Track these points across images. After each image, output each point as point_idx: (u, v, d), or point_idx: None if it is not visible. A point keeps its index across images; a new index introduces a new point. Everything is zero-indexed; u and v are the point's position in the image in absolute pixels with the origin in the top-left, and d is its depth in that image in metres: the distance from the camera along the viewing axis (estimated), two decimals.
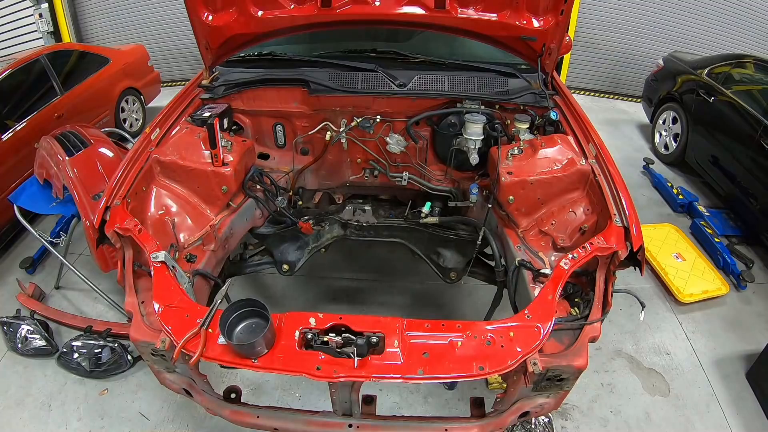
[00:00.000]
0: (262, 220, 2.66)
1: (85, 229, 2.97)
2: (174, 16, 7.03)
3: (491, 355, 1.52)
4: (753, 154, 3.88)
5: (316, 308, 1.72)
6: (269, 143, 2.85)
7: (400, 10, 2.34)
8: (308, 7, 2.36)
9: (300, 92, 2.59)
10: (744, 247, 4.00)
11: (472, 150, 2.46)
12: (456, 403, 2.58)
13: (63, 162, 2.98)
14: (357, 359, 1.49)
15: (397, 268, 3.57)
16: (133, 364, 2.85)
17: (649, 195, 4.73)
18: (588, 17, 6.85)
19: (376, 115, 2.57)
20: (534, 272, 1.97)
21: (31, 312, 3.12)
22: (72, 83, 4.76)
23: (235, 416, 1.91)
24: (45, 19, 6.86)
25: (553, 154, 2.23)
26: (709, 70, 4.77)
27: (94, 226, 1.92)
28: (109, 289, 3.24)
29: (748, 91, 4.37)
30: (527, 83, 2.59)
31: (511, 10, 2.32)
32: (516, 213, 2.24)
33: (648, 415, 2.65)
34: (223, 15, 2.41)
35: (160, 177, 2.26)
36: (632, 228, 1.79)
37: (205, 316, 1.59)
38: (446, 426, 1.90)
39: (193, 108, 2.56)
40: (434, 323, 1.62)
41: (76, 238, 3.47)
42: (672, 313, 3.34)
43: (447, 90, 2.55)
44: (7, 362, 2.92)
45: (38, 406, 2.66)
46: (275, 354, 1.52)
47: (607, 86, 7.37)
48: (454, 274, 2.71)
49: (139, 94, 5.80)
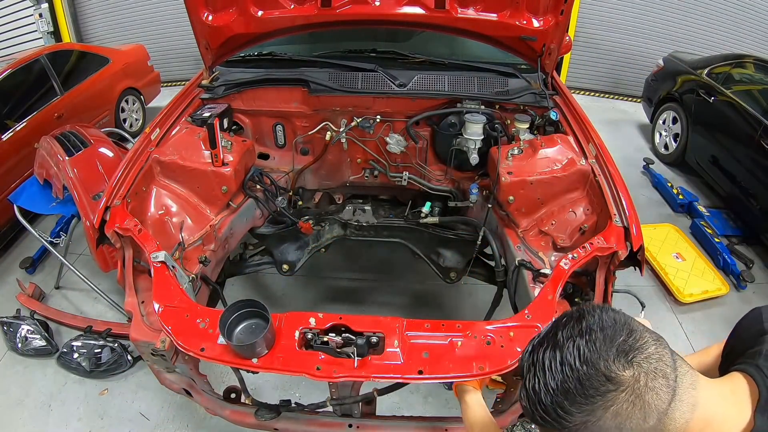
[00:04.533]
0: (262, 220, 2.66)
1: (85, 229, 2.97)
2: (174, 16, 7.02)
3: (491, 355, 1.52)
4: (753, 154, 3.87)
5: (316, 308, 1.72)
6: (269, 143, 2.85)
7: (400, 10, 2.34)
8: (308, 7, 2.36)
9: (300, 92, 2.59)
10: (744, 247, 4.00)
11: (472, 150, 2.45)
12: (456, 403, 2.57)
13: (63, 162, 2.98)
14: (357, 359, 1.49)
15: (397, 268, 3.57)
16: (133, 364, 2.85)
17: (649, 195, 4.73)
18: (588, 17, 6.85)
19: (376, 115, 2.57)
20: (534, 272, 1.97)
21: (31, 312, 3.12)
22: (72, 83, 4.75)
23: (235, 416, 1.92)
24: (45, 19, 6.85)
25: (553, 154, 2.23)
26: (709, 70, 4.76)
27: (94, 226, 1.92)
28: (109, 289, 3.24)
29: (748, 91, 4.37)
30: (527, 83, 2.59)
31: (511, 10, 2.32)
32: (516, 213, 2.24)
33: None
34: (223, 15, 2.41)
35: (160, 177, 2.26)
36: (632, 228, 1.78)
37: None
38: (446, 426, 1.91)
39: (193, 108, 2.56)
40: (434, 323, 1.62)
41: (76, 238, 3.47)
42: (672, 313, 3.34)
43: (447, 90, 2.55)
44: (7, 362, 2.92)
45: (38, 406, 2.66)
46: (275, 354, 1.52)
47: (607, 86, 7.37)
48: (454, 274, 2.71)
49: (139, 94, 5.80)
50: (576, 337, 0.72)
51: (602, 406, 0.69)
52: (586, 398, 0.69)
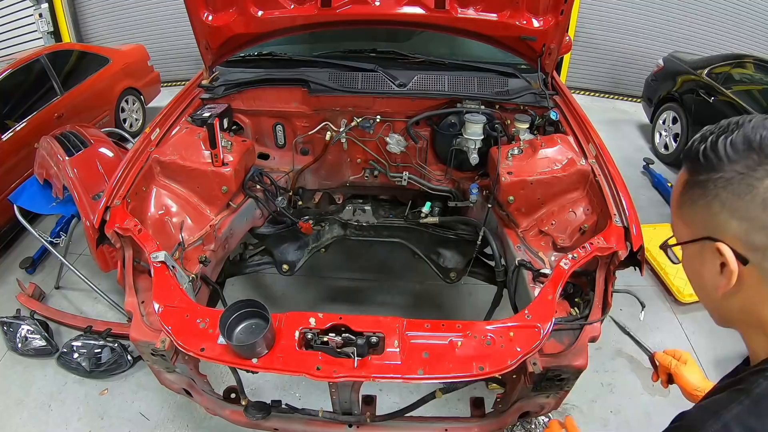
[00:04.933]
0: (262, 220, 2.66)
1: (85, 229, 2.97)
2: (174, 16, 7.03)
3: (491, 355, 1.52)
4: None
5: (316, 308, 1.72)
6: (269, 143, 2.85)
7: (400, 10, 2.34)
8: (308, 7, 2.36)
9: (300, 92, 2.58)
10: None
11: (472, 150, 2.45)
12: (456, 403, 2.58)
13: (63, 162, 2.98)
14: (357, 359, 1.49)
15: (397, 268, 3.57)
16: (133, 364, 2.85)
17: (649, 195, 4.73)
18: (588, 17, 6.85)
19: (376, 115, 2.57)
20: (534, 272, 1.97)
21: (31, 312, 3.12)
22: (72, 83, 4.75)
23: (235, 416, 1.92)
24: (45, 19, 6.86)
25: (553, 154, 2.23)
26: (709, 70, 4.77)
27: (94, 226, 1.92)
28: (109, 289, 3.24)
29: (748, 91, 4.37)
30: (527, 83, 2.59)
31: (511, 10, 2.32)
32: (516, 213, 2.24)
33: (648, 415, 2.65)
34: (223, 15, 2.41)
35: (160, 177, 2.26)
36: (632, 228, 1.78)
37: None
38: (446, 426, 1.91)
39: (193, 108, 2.56)
40: (434, 323, 1.62)
41: (76, 238, 3.47)
42: (672, 313, 3.34)
43: (447, 90, 2.55)
44: (7, 362, 2.92)
45: (38, 406, 2.66)
46: (275, 354, 1.51)
47: (607, 86, 7.37)
48: (454, 274, 2.71)
49: (139, 94, 5.80)
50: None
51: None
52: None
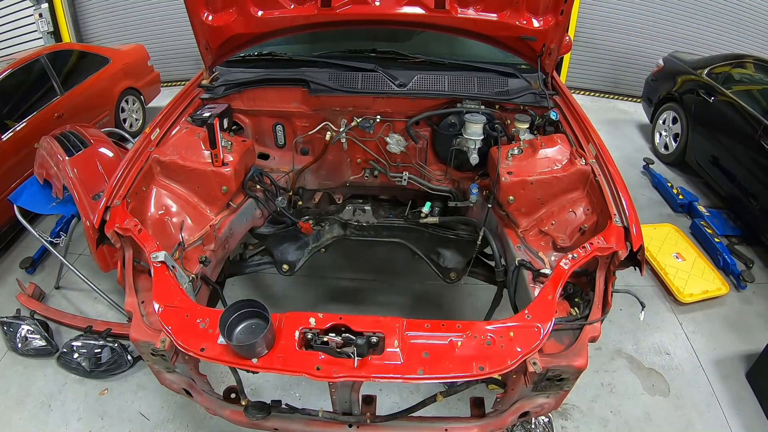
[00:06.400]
0: (262, 220, 2.66)
1: (85, 229, 2.97)
2: (174, 16, 7.03)
3: (491, 355, 1.52)
4: (753, 154, 3.87)
5: (316, 308, 1.72)
6: (269, 143, 2.85)
7: (400, 10, 2.35)
8: (308, 7, 2.36)
9: (300, 92, 2.59)
10: (744, 247, 4.00)
11: (472, 150, 2.45)
12: (456, 403, 2.58)
13: (63, 162, 2.98)
14: (357, 359, 1.49)
15: (397, 268, 3.57)
16: (133, 364, 2.85)
17: (649, 195, 4.73)
18: (588, 17, 6.85)
19: (376, 115, 2.57)
20: (534, 272, 1.97)
21: (31, 312, 3.12)
22: (72, 83, 4.75)
23: (235, 416, 1.92)
24: (45, 19, 6.86)
25: (553, 154, 2.23)
26: (709, 70, 4.76)
27: (94, 226, 1.92)
28: (109, 289, 3.24)
29: (748, 91, 4.37)
30: (527, 83, 2.59)
31: (511, 10, 2.32)
32: (516, 213, 2.24)
33: (648, 415, 2.65)
34: (223, 15, 2.41)
35: (160, 177, 2.26)
36: (632, 228, 1.78)
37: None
38: (446, 426, 1.91)
39: (193, 108, 2.56)
40: (434, 323, 1.62)
41: (76, 238, 3.47)
42: (672, 313, 3.34)
43: (447, 90, 2.55)
44: (7, 362, 2.92)
45: (38, 406, 2.66)
46: (275, 354, 1.51)
47: (607, 86, 7.37)
48: (454, 274, 2.71)
49: (139, 94, 5.80)
50: None
51: None
52: None
